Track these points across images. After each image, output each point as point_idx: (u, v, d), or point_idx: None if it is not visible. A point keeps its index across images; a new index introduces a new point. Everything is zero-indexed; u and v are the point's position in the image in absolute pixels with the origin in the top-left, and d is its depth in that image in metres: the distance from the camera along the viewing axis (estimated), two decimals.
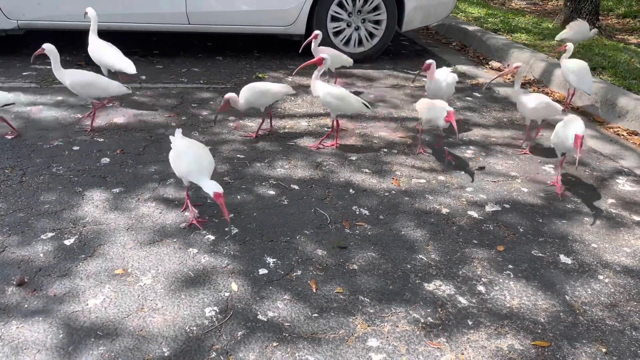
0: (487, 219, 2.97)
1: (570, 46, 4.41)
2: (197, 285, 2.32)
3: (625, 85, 4.84)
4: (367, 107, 3.54)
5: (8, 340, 1.98)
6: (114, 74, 4.14)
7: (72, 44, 3.67)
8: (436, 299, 2.34)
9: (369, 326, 2.16)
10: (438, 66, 3.98)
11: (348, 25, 5.61)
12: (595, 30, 6.01)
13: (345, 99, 3.50)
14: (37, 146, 3.44)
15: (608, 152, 3.93)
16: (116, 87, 3.64)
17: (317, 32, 4.24)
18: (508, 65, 5.88)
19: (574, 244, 2.80)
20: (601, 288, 2.48)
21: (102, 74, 3.93)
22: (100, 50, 4.07)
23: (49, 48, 3.48)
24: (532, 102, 3.63)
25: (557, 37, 5.76)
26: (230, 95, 3.45)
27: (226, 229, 2.70)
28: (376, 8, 5.58)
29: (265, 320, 2.16)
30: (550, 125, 4.25)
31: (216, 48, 5.86)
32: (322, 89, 3.52)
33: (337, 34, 5.62)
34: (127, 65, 3.99)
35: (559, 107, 3.71)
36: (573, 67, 4.32)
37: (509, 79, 5.46)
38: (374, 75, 5.42)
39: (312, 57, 3.97)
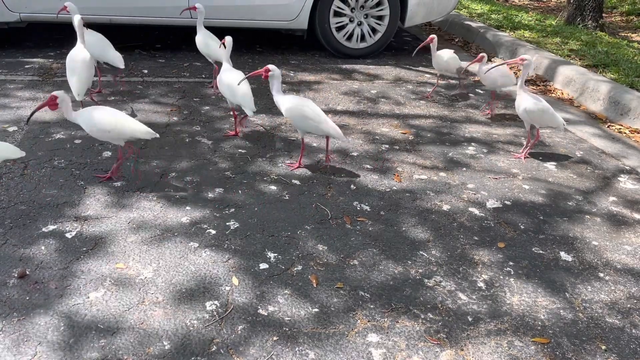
0: (488, 216, 2.97)
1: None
2: (198, 279, 2.33)
3: (628, 83, 4.82)
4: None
5: (9, 333, 1.99)
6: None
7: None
8: (436, 295, 2.34)
9: (369, 321, 2.16)
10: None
11: (351, 21, 5.60)
12: None
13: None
14: (39, 139, 3.45)
15: (611, 150, 3.92)
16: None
17: None
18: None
19: (575, 242, 2.80)
20: (601, 286, 2.48)
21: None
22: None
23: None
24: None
25: None
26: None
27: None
28: (379, 3, 5.56)
29: (266, 314, 2.16)
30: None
31: None
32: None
33: (339, 29, 5.61)
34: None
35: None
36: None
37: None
38: (376, 71, 5.41)
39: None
